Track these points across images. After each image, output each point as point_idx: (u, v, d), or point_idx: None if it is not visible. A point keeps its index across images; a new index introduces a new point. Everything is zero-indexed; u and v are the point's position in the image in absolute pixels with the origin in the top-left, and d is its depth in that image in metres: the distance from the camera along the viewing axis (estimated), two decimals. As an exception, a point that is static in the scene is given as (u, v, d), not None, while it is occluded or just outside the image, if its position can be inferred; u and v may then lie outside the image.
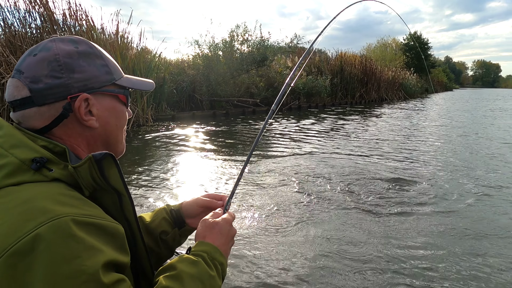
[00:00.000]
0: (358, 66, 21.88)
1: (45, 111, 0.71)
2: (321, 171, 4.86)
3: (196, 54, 13.91)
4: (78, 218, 0.58)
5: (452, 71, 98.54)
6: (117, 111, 0.82)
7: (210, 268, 0.80)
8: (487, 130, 9.44)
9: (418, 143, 7.27)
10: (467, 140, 7.80)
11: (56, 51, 0.72)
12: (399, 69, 30.48)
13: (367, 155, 5.97)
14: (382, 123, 11.06)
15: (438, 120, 12.26)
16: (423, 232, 2.93)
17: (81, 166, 0.65)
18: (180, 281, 0.73)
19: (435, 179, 4.51)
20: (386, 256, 2.54)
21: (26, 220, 0.56)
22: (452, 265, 2.39)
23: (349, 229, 3.02)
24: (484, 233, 2.93)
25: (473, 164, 5.41)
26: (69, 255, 0.55)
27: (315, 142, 7.20)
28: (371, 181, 4.41)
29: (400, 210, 3.45)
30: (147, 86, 0.90)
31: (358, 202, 3.68)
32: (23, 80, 0.70)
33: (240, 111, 12.87)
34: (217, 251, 0.85)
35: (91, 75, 0.75)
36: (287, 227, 3.05)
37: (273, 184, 4.25)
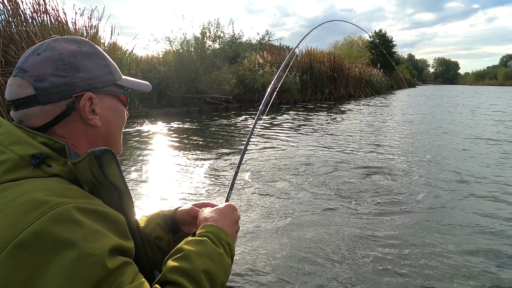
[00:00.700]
0: (327, 63, 22.44)
1: (49, 110, 0.72)
2: (294, 166, 5.08)
3: (167, 51, 13.82)
4: (79, 205, 0.59)
5: (414, 68, 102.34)
6: (118, 111, 0.84)
7: (217, 247, 0.81)
8: (451, 125, 10.04)
9: (386, 137, 7.68)
10: (435, 135, 8.29)
11: (61, 51, 0.73)
12: (365, 66, 31.41)
13: (340, 150, 6.28)
14: (352, 118, 11.52)
15: (405, 115, 12.86)
16: (394, 224, 3.15)
17: (80, 162, 0.66)
18: (188, 260, 0.74)
19: (402, 171, 4.85)
20: (353, 248, 2.77)
21: (27, 211, 0.56)
22: (418, 254, 2.58)
23: (322, 222, 3.24)
24: (445, 223, 3.22)
25: (441, 157, 5.83)
26: (75, 239, 0.55)
27: (287, 138, 7.44)
28: (344, 174, 4.68)
29: (373, 202, 3.72)
30: (144, 88, 0.92)
31: (330, 194, 3.92)
32: (27, 79, 0.71)
33: (213, 107, 12.95)
34: (222, 231, 0.85)
35: (95, 75, 0.77)
36: (259, 222, 3.21)
37: (245, 180, 4.41)
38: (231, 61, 13.51)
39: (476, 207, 3.48)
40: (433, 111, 14.75)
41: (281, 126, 9.12)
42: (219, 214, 0.92)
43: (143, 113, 10.40)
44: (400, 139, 7.45)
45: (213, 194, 3.79)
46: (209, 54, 13.21)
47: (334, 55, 24.98)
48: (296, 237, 2.80)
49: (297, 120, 10.51)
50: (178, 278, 0.71)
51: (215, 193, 3.84)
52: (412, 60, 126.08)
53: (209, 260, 0.76)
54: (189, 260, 0.74)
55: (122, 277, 0.58)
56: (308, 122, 10.10)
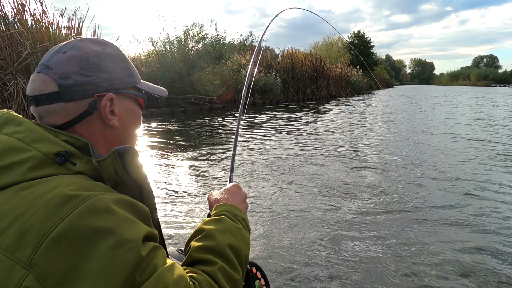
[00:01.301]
0: (308, 63, 22.76)
1: (71, 107, 0.73)
2: (279, 166, 5.21)
3: (149, 52, 13.75)
4: (109, 196, 0.61)
5: (392, 69, 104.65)
6: (135, 113, 0.85)
7: (235, 222, 0.85)
8: (432, 124, 10.41)
9: (368, 136, 7.92)
10: (417, 133, 8.59)
11: (86, 51, 0.75)
12: (345, 66, 31.99)
13: (324, 148, 6.45)
14: (335, 117, 11.77)
15: (385, 114, 13.22)
16: (382, 221, 3.29)
17: (105, 160, 0.67)
18: (212, 238, 0.77)
19: (388, 169, 5.06)
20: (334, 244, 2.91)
21: (59, 204, 0.57)
22: (408, 252, 2.70)
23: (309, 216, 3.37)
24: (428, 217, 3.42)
25: (425, 154, 6.07)
26: (110, 227, 0.57)
27: (270, 138, 7.58)
28: (329, 172, 4.84)
29: (360, 199, 3.88)
30: (161, 93, 0.93)
31: (316, 193, 4.06)
32: (51, 76, 0.72)
33: (197, 108, 12.97)
34: (235, 208, 0.90)
35: (117, 76, 0.79)
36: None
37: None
38: (214, 62, 13.55)
39: (463, 203, 3.64)
40: (412, 110, 15.21)
41: (264, 126, 9.25)
42: (229, 194, 0.97)
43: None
44: (381, 137, 7.70)
45: (199, 191, 3.87)
46: (192, 55, 13.21)
47: (315, 55, 25.35)
48: (285, 238, 2.83)
49: (280, 120, 10.67)
50: (205, 255, 0.74)
51: (201, 189, 3.92)
52: (389, 61, 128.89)
53: (231, 235, 0.79)
54: (213, 237, 0.77)
55: (155, 259, 0.60)
56: (292, 122, 10.28)
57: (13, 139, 0.66)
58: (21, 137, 0.67)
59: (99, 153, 0.74)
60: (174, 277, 0.61)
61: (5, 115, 0.72)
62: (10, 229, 0.57)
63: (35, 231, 0.55)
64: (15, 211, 0.58)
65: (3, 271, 0.55)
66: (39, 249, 0.54)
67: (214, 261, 0.73)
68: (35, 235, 0.55)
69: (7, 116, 0.72)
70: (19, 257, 0.54)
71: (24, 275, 0.53)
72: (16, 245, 0.55)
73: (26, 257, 0.54)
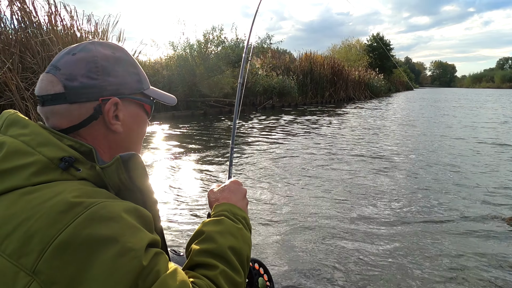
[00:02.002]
0: (326, 66, 22.71)
1: (75, 109, 0.73)
2: (299, 168, 5.25)
3: (170, 56, 14.04)
4: (113, 203, 0.61)
5: (412, 71, 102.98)
6: (141, 119, 0.84)
7: (235, 222, 0.84)
8: (453, 128, 10.24)
9: (389, 139, 7.88)
10: (444, 138, 8.45)
11: (95, 54, 0.75)
12: (363, 69, 31.75)
13: (344, 151, 6.45)
14: (354, 121, 11.71)
15: (407, 118, 13.07)
16: (397, 228, 3.23)
17: (109, 167, 0.67)
18: (212, 240, 0.76)
19: (407, 171, 5.04)
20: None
21: (63, 211, 0.57)
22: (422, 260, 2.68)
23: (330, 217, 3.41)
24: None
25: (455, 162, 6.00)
26: (114, 235, 0.57)
27: (289, 140, 7.62)
28: (346, 175, 4.86)
29: (378, 204, 3.88)
30: (170, 100, 0.94)
31: (330, 197, 4.07)
32: (59, 76, 0.72)
33: (217, 111, 13.15)
34: (235, 207, 0.89)
35: (124, 81, 0.78)
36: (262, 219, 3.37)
37: (247, 181, 4.59)
38: (234, 65, 13.72)
39: (493, 212, 3.46)
40: (434, 113, 14.98)
41: (283, 128, 9.31)
42: (228, 191, 0.95)
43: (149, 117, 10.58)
44: (403, 140, 7.65)
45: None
46: (212, 58, 13.42)
47: (334, 58, 25.29)
48: (299, 241, 2.80)
49: (299, 122, 10.71)
50: (206, 259, 0.73)
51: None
52: (409, 63, 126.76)
53: (231, 236, 0.79)
54: (213, 240, 0.76)
55: (157, 265, 0.61)
56: (310, 125, 10.29)
57: (18, 142, 0.66)
58: (26, 140, 0.66)
59: (102, 158, 0.74)
60: (176, 283, 0.61)
61: (11, 116, 0.72)
62: (14, 235, 0.57)
63: (38, 238, 0.55)
64: (19, 216, 0.58)
65: (8, 277, 0.55)
66: (43, 256, 0.54)
67: (215, 265, 0.73)
68: (39, 242, 0.55)
69: (13, 118, 0.71)
70: (24, 264, 0.55)
71: (28, 282, 0.54)
72: (20, 251, 0.55)
73: (30, 264, 0.54)
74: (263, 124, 10.11)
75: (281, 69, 19.32)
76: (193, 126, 9.62)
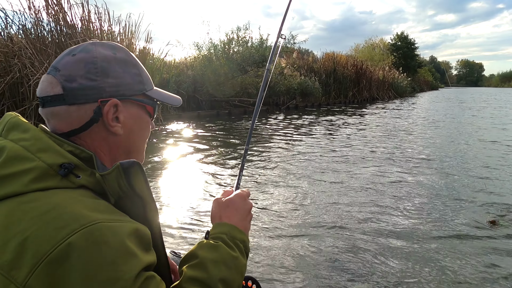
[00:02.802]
0: (350, 66, 22.49)
1: (74, 111, 0.72)
2: (327, 167, 5.25)
3: (195, 56, 14.25)
4: (110, 223, 0.60)
5: (437, 71, 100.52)
6: (143, 121, 0.83)
7: (232, 249, 0.80)
8: (482, 130, 9.98)
9: (416, 139, 7.76)
10: (474, 141, 8.26)
11: (95, 54, 0.74)
12: (387, 69, 31.24)
13: (370, 153, 6.40)
14: (383, 120, 11.56)
15: (433, 119, 12.81)
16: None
17: (109, 174, 0.66)
18: (204, 269, 0.74)
19: (438, 175, 4.95)
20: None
21: (59, 227, 0.56)
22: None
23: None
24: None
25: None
26: (104, 261, 0.56)
27: (312, 141, 7.61)
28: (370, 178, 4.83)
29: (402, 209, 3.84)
30: (174, 101, 0.91)
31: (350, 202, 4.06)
32: (58, 78, 0.72)
33: (241, 110, 13.26)
34: (235, 229, 0.85)
35: (124, 82, 0.77)
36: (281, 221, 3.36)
37: (273, 181, 4.62)
38: (258, 65, 13.78)
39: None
40: (461, 114, 14.62)
41: (308, 128, 9.30)
42: (232, 208, 0.90)
43: (176, 116, 10.79)
44: (427, 143, 7.51)
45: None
46: (237, 58, 13.53)
47: (357, 58, 25.01)
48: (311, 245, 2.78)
49: (323, 123, 10.67)
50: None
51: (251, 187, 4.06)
52: (434, 63, 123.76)
53: (224, 267, 0.76)
54: (205, 269, 0.74)
55: None
56: (335, 125, 10.24)
57: (19, 147, 0.65)
58: (26, 145, 0.66)
59: (102, 162, 0.74)
60: None
61: (12, 119, 0.72)
62: (8, 246, 0.57)
63: (32, 252, 0.55)
64: (15, 227, 0.58)
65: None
66: (34, 272, 0.54)
67: None
68: (32, 257, 0.55)
69: (14, 121, 0.71)
70: (15, 277, 0.55)
71: None
72: (12, 264, 0.55)
73: (22, 279, 0.54)
74: (285, 124, 10.13)
75: (304, 69, 19.25)
76: (217, 125, 9.75)
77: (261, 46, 14.03)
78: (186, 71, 13.58)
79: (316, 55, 23.88)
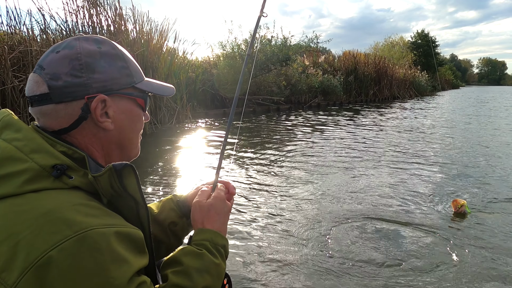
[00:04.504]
0: (371, 65, 22.37)
1: (61, 109, 0.71)
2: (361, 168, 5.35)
3: (218, 54, 14.51)
4: (102, 229, 0.60)
5: (458, 69, 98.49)
6: (134, 115, 0.81)
7: (214, 257, 0.82)
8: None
9: (442, 140, 7.76)
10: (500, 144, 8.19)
11: (79, 50, 0.72)
12: (408, 67, 30.85)
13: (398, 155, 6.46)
14: (407, 119, 11.56)
15: (457, 117, 12.70)
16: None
17: (101, 176, 0.66)
18: (188, 277, 0.76)
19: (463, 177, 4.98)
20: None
21: (52, 232, 0.56)
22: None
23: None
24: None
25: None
26: (97, 268, 0.57)
27: (342, 139, 7.70)
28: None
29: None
30: (166, 91, 0.88)
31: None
32: (43, 76, 0.70)
33: (265, 109, 13.46)
34: (218, 235, 0.87)
35: (111, 77, 0.75)
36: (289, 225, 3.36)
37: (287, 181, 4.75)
38: (281, 64, 13.93)
39: None
40: (487, 114, 14.42)
41: (334, 127, 9.40)
42: (213, 213, 0.91)
43: (202, 113, 11.06)
44: (447, 144, 7.49)
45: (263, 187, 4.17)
46: (261, 57, 13.71)
47: (379, 57, 24.82)
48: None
49: (350, 121, 10.74)
50: None
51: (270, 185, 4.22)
52: (455, 61, 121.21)
53: (208, 275, 0.79)
54: (190, 277, 0.76)
55: None
56: (361, 123, 10.30)
57: (12, 147, 0.65)
58: (19, 145, 0.66)
59: (95, 159, 0.75)
60: None
61: (5, 118, 0.71)
62: (0, 247, 0.57)
63: (24, 255, 0.55)
64: (8, 229, 0.58)
65: None
66: (25, 275, 0.54)
67: None
68: (23, 260, 0.55)
69: (7, 120, 0.71)
70: (5, 279, 0.55)
71: None
72: (4, 265, 0.56)
73: (12, 281, 0.54)
74: (313, 121, 10.25)
75: (324, 67, 19.25)
76: (247, 122, 9.95)
77: (283, 45, 14.15)
78: (209, 69, 13.84)
79: (335, 54, 23.84)
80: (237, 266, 2.38)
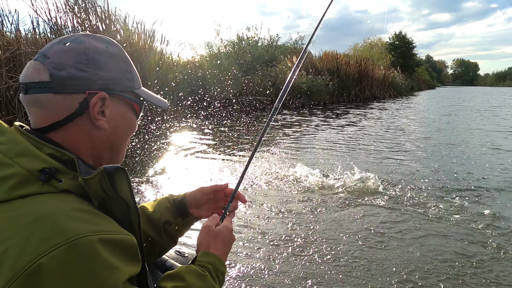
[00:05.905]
0: (353, 66, 22.82)
1: (59, 100, 0.70)
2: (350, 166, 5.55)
3: (204, 55, 14.54)
4: (94, 236, 0.58)
5: (433, 70, 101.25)
6: (129, 119, 0.82)
7: (215, 281, 0.84)
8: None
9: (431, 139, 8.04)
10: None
11: (88, 46, 0.73)
12: (387, 68, 31.61)
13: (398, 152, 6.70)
14: (392, 117, 11.88)
15: (439, 118, 13.13)
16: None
17: (92, 179, 0.65)
18: None
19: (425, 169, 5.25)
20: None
21: (42, 239, 0.55)
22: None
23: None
24: None
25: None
26: (88, 275, 0.56)
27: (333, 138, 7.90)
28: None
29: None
30: (161, 104, 0.89)
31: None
32: (46, 65, 0.70)
33: (251, 109, 13.56)
34: (220, 262, 0.89)
35: (115, 77, 0.76)
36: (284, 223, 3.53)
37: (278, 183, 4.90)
38: (267, 64, 14.09)
39: None
40: (463, 114, 14.98)
41: (326, 127, 9.60)
42: (221, 241, 0.93)
43: (188, 114, 11.09)
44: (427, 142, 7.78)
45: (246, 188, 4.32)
46: (248, 57, 13.85)
47: (364, 58, 25.35)
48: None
49: (342, 121, 10.96)
50: None
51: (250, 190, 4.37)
52: (430, 62, 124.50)
53: None
54: None
55: None
56: (351, 123, 10.55)
57: None
58: (3, 149, 0.64)
59: (83, 159, 0.74)
60: None
61: None
62: None
63: (11, 262, 0.54)
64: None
65: None
66: (13, 283, 0.53)
67: None
68: (11, 268, 0.53)
69: None
70: None
71: None
72: None
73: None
74: (304, 123, 10.42)
75: (307, 68, 19.50)
76: (225, 124, 10.03)
77: (270, 46, 14.33)
78: (194, 70, 13.84)
79: (314, 54, 24.18)
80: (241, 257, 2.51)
